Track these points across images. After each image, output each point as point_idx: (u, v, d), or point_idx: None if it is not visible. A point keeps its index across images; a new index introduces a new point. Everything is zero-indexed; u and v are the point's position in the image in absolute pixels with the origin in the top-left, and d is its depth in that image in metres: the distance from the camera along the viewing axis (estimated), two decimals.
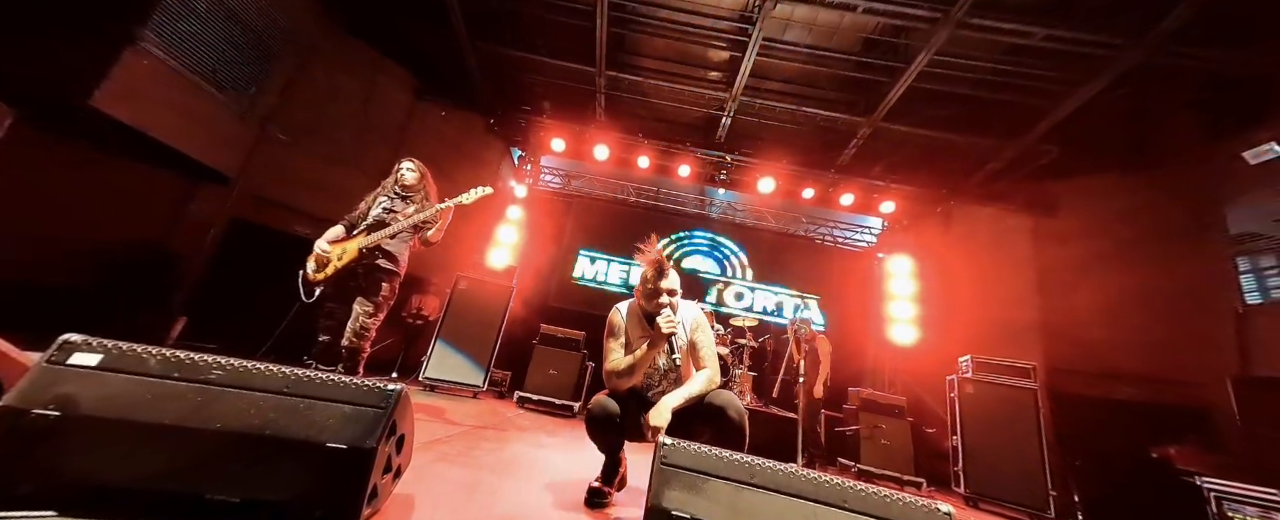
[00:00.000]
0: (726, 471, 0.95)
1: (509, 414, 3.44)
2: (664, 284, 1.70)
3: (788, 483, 0.92)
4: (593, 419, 1.64)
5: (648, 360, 1.63)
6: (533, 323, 5.62)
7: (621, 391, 1.67)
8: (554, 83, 6.75)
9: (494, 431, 2.60)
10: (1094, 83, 4.95)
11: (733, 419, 1.51)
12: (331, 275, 2.25)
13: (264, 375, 0.94)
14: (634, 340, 1.74)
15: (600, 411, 1.62)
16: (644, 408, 1.60)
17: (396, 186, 2.48)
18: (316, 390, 0.94)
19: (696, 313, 1.82)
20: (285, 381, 0.94)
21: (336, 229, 2.40)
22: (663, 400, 1.57)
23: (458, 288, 4.24)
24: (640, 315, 1.79)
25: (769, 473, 0.94)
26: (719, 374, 1.75)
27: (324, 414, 0.91)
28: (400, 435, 1.06)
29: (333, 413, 0.92)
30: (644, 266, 1.76)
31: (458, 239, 6.16)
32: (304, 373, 0.97)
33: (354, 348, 2.22)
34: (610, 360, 1.70)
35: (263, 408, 0.89)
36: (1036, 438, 3.67)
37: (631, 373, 1.63)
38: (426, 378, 3.85)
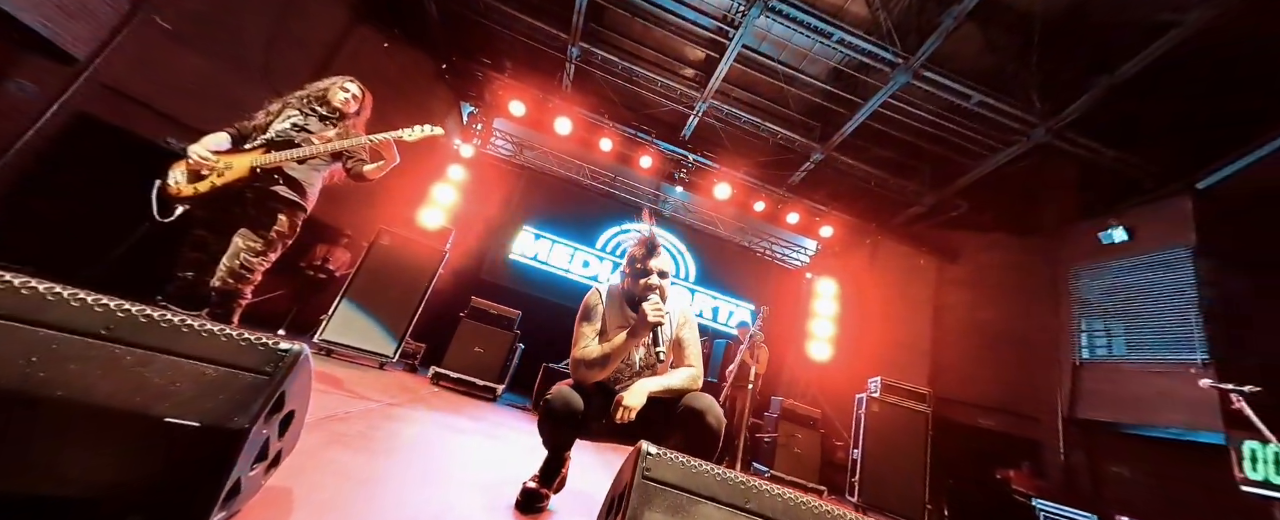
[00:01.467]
0: (719, 494, 0.81)
1: (422, 391, 3.03)
2: (654, 263, 1.50)
3: (790, 513, 0.81)
4: (551, 413, 1.39)
5: (624, 352, 1.42)
6: (459, 295, 5.14)
7: (588, 385, 1.47)
8: (522, 40, 6.24)
9: (404, 410, 2.23)
10: (1007, 151, 5.68)
11: (711, 426, 1.34)
12: (206, 194, 1.73)
13: (70, 307, 0.59)
14: (611, 328, 1.51)
15: (562, 405, 1.38)
16: (608, 403, 1.41)
17: (317, 103, 2.00)
18: (162, 339, 0.63)
19: (685, 305, 1.62)
20: (107, 319, 0.60)
21: (219, 136, 1.86)
22: (640, 382, 1.38)
23: (379, 242, 3.68)
24: (622, 299, 1.57)
25: (769, 498, 0.82)
26: (703, 375, 1.58)
27: (168, 374, 0.61)
28: (288, 413, 0.77)
29: (184, 374, 0.62)
30: (633, 244, 1.56)
31: (384, 188, 5.44)
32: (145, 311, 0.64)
33: (229, 290, 1.74)
34: (581, 347, 1.48)
35: (61, 356, 0.56)
36: (922, 456, 4.08)
37: (604, 364, 1.43)
38: (324, 340, 3.28)
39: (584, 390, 1.45)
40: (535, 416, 3.46)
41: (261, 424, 0.63)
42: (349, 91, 2.07)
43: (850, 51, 5.09)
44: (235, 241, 1.76)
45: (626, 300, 1.56)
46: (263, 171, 1.78)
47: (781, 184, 7.02)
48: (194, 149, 1.76)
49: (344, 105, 2.04)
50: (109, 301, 0.61)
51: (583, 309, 1.57)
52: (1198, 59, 4.27)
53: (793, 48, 5.74)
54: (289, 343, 0.70)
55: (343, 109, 2.04)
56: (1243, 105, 4.64)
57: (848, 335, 6.79)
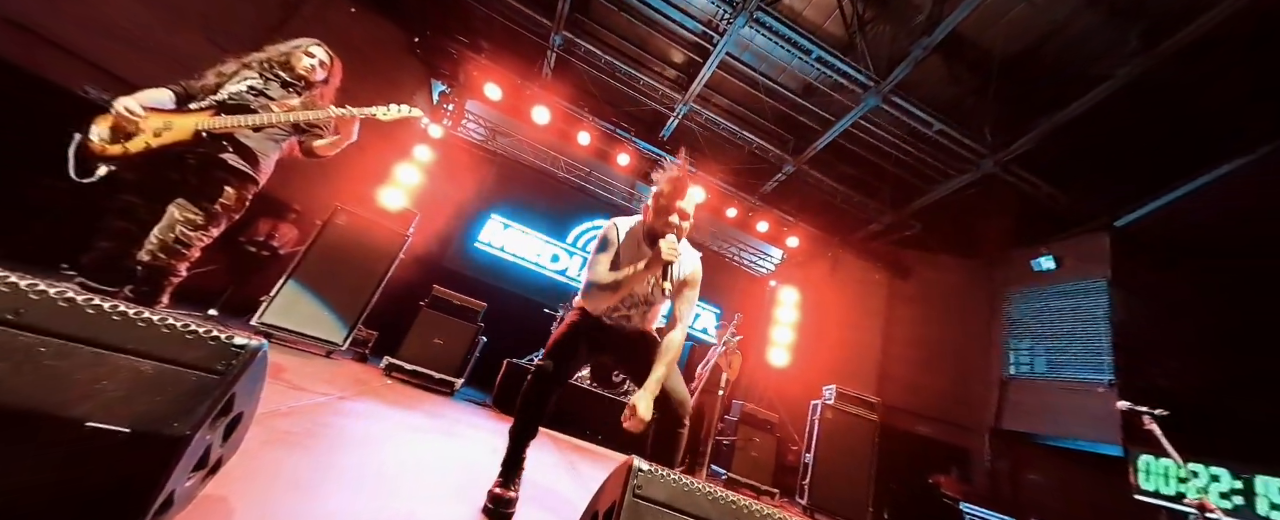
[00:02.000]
0: (711, 514, 0.79)
1: (374, 383, 2.83)
2: (681, 203, 1.52)
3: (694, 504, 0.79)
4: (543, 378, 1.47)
5: (636, 282, 1.49)
6: (418, 282, 4.86)
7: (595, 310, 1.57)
8: (501, 22, 6.01)
9: (354, 405, 2.07)
10: (959, 179, 6.08)
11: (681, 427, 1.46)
12: (138, 155, 1.51)
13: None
14: (624, 261, 1.56)
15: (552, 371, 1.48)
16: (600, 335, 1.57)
17: (279, 67, 1.81)
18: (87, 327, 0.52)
19: (697, 262, 1.65)
20: (16, 302, 0.49)
21: (159, 93, 1.64)
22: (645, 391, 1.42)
23: (334, 221, 3.40)
24: (641, 236, 1.59)
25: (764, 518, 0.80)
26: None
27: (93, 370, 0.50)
28: (236, 415, 0.66)
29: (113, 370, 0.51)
30: (662, 181, 1.57)
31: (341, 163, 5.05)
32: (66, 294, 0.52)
33: (159, 265, 1.53)
34: (595, 271, 1.54)
35: None
36: (869, 462, 4.29)
37: (615, 288, 1.49)
38: (264, 323, 2.98)
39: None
40: (495, 413, 3.35)
41: (205, 429, 0.53)
42: (315, 57, 1.87)
43: (826, 70, 5.27)
44: (171, 211, 1.55)
45: (645, 236, 1.58)
46: (210, 136, 1.57)
47: (754, 192, 7.17)
48: (123, 101, 1.52)
49: (308, 72, 1.84)
50: (19, 280, 0.49)
51: (600, 239, 1.62)
52: (1127, 108, 4.74)
53: (772, 60, 5.87)
54: (246, 337, 0.60)
55: (307, 76, 1.84)
56: (1162, 153, 5.20)
57: (805, 343, 7.04)
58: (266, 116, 1.64)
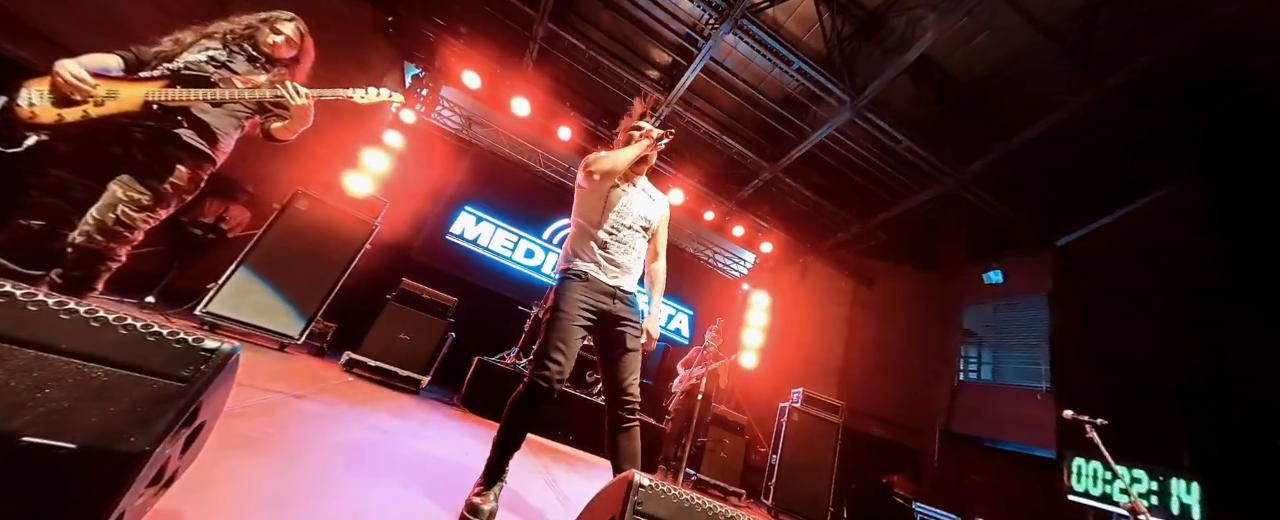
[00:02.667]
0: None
1: (333, 380, 2.65)
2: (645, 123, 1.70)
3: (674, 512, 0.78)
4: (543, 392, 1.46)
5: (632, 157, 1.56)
6: (383, 273, 4.63)
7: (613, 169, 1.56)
8: (484, 9, 5.82)
9: (314, 405, 1.93)
10: (921, 194, 6.40)
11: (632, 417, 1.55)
12: (74, 125, 1.34)
13: None
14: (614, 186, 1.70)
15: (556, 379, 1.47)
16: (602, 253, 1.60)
17: (245, 41, 1.65)
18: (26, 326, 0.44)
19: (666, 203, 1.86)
20: None
21: (105, 58, 1.46)
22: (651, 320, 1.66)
23: (294, 205, 3.17)
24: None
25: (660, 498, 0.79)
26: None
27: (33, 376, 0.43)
28: (199, 425, 0.59)
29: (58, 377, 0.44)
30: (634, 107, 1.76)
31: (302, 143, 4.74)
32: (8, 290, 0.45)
33: (95, 249, 1.36)
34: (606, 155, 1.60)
35: None
36: (831, 463, 4.44)
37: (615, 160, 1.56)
38: (209, 313, 2.74)
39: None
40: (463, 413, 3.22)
41: (166, 443, 0.46)
42: (282, 34, 1.70)
43: (805, 82, 5.41)
44: (112, 189, 1.38)
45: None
46: (162, 108, 1.41)
47: (731, 196, 7.28)
48: (66, 64, 1.34)
49: (272, 49, 1.68)
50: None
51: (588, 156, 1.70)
52: (1073, 135, 5.12)
53: (753, 68, 5.96)
54: (217, 339, 0.53)
55: (271, 53, 1.68)
56: (1101, 179, 5.65)
57: (773, 346, 7.21)
58: (228, 91, 1.49)
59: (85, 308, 0.46)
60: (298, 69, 1.79)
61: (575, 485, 2.20)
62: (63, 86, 1.33)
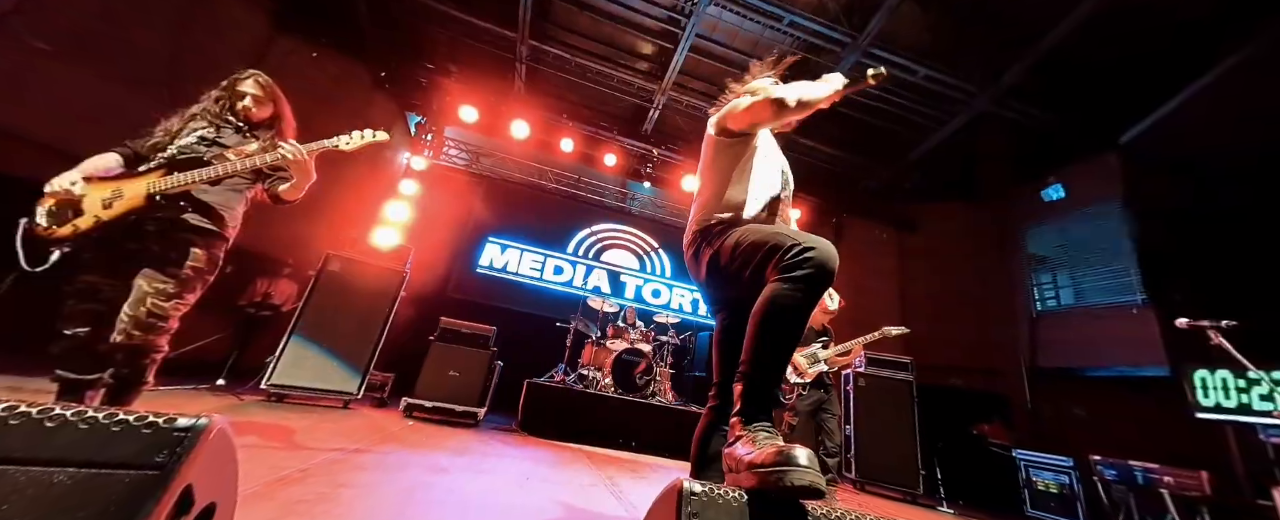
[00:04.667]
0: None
1: (394, 428, 2.74)
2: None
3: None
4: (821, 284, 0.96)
5: (834, 97, 1.26)
6: (425, 316, 4.79)
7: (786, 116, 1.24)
8: (467, 42, 5.92)
9: (374, 456, 1.96)
10: (952, 123, 5.93)
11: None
12: (90, 230, 1.40)
13: None
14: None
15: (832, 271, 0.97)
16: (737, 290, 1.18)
17: (227, 113, 1.68)
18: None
19: None
20: None
21: (106, 158, 1.51)
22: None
23: (327, 269, 3.32)
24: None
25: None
26: None
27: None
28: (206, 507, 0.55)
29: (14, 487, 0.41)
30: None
31: (328, 210, 4.99)
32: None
33: (137, 345, 1.42)
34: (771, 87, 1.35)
35: None
36: (911, 424, 4.17)
37: (806, 105, 1.23)
38: (273, 385, 2.91)
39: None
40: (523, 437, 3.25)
41: None
42: (247, 94, 1.70)
43: (801, 34, 5.14)
44: (139, 284, 1.43)
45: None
46: (165, 198, 1.46)
47: None
48: (57, 180, 1.40)
49: (247, 113, 1.70)
50: None
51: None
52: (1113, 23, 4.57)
53: (744, 35, 5.71)
54: (189, 416, 0.50)
55: (248, 116, 1.71)
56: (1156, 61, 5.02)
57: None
58: (222, 167, 1.52)
59: (38, 409, 0.44)
60: (284, 125, 1.80)
61: (642, 492, 2.15)
62: (60, 197, 1.40)
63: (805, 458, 0.78)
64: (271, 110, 1.78)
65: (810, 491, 0.74)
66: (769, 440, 0.84)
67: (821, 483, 0.76)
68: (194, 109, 1.68)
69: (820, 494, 0.75)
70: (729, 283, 1.16)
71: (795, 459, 0.77)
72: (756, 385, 0.94)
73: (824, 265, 0.95)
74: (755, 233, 1.10)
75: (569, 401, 3.59)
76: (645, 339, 4.35)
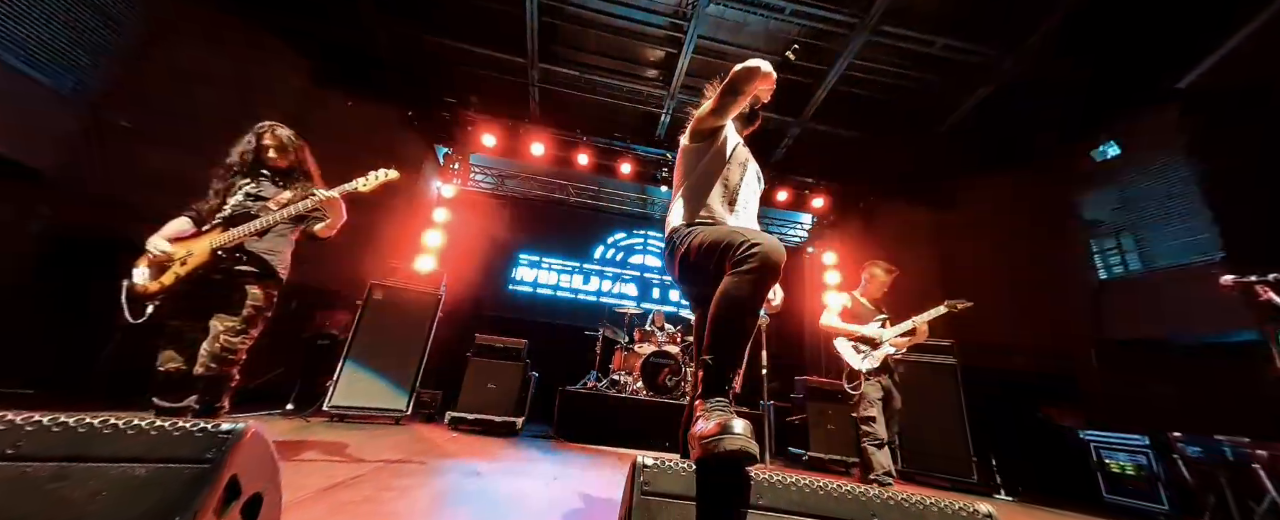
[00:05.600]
0: None
1: (438, 440, 2.97)
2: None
3: (801, 500, 0.76)
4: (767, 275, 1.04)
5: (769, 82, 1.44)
6: (465, 336, 5.10)
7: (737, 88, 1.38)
8: (482, 74, 6.27)
9: (415, 465, 2.17)
10: (980, 90, 5.62)
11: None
12: (173, 286, 1.69)
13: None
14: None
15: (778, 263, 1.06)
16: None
17: (259, 168, 1.93)
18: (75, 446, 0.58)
19: None
20: (13, 438, 0.56)
21: (180, 222, 1.84)
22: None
23: (372, 299, 3.66)
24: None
25: (780, 490, 0.77)
26: None
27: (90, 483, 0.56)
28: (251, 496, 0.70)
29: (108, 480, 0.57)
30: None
31: (372, 243, 5.44)
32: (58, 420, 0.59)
33: (214, 374, 1.69)
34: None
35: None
36: (958, 410, 3.98)
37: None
38: (333, 406, 3.24)
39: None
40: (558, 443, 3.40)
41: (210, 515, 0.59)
42: (268, 145, 1.94)
43: (806, 21, 5.08)
44: (212, 325, 1.71)
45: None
46: (225, 252, 1.74)
47: (764, 164, 6.96)
48: (152, 242, 1.73)
49: (273, 163, 1.94)
50: (15, 418, 0.57)
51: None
52: None
53: (749, 30, 5.69)
54: (232, 422, 0.66)
55: (275, 165, 1.95)
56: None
57: None
58: (264, 220, 1.78)
59: (124, 421, 0.61)
60: (308, 165, 2.03)
61: None
62: (155, 259, 1.71)
63: (741, 426, 0.86)
64: (293, 157, 2.01)
65: (740, 455, 0.82)
66: (719, 415, 0.92)
67: (753, 448, 0.83)
68: (231, 162, 1.96)
69: (752, 458, 0.82)
70: (698, 279, 1.24)
71: (731, 427, 0.85)
72: (712, 369, 1.03)
73: (768, 258, 1.04)
74: (713, 233, 1.20)
75: (601, 406, 3.73)
76: (672, 340, 4.43)
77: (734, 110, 1.40)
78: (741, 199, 1.41)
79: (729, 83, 1.35)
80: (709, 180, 1.40)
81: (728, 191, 1.39)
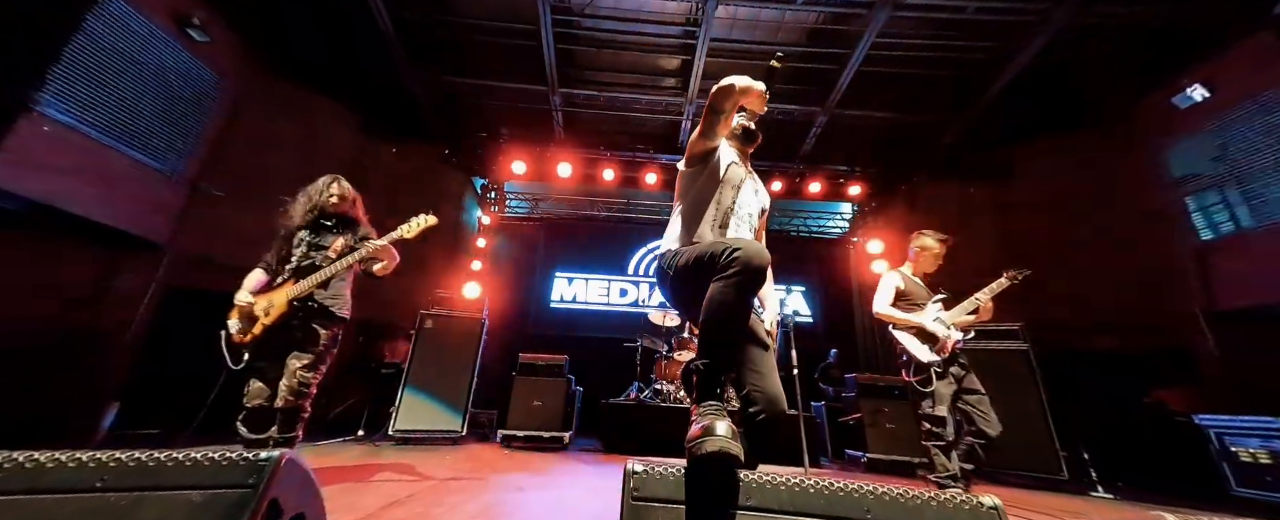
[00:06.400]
0: None
1: (490, 457, 3.14)
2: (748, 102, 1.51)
3: (793, 499, 0.76)
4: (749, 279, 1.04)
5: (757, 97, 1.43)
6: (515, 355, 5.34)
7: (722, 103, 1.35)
8: (509, 106, 6.62)
9: (465, 481, 2.31)
10: (1028, 49, 5.15)
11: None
12: (260, 334, 1.97)
13: (66, 470, 0.69)
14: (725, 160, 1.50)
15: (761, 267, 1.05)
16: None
17: (320, 218, 2.19)
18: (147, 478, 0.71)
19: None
20: (100, 473, 0.70)
21: (256, 274, 2.12)
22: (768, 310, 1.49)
23: (423, 327, 3.95)
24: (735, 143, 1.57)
25: (769, 490, 0.78)
26: None
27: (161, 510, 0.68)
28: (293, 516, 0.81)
29: (174, 506, 0.68)
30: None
31: (424, 274, 5.86)
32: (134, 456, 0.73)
33: (292, 407, 1.93)
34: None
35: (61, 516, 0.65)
36: (1036, 399, 3.61)
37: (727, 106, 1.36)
38: (397, 431, 3.52)
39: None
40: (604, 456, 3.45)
41: None
42: (334, 195, 2.21)
43: (821, 7, 4.95)
44: (289, 364, 1.96)
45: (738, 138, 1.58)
46: (298, 302, 2.01)
47: (793, 157, 6.79)
48: (239, 296, 2.02)
49: (336, 208, 2.22)
50: (102, 455, 0.71)
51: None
52: None
53: (764, 24, 5.60)
54: (271, 450, 0.77)
55: (337, 211, 2.22)
56: None
57: None
58: (328, 270, 2.04)
59: (184, 455, 0.74)
60: (360, 214, 2.28)
61: None
62: (243, 310, 2.00)
63: (723, 428, 0.87)
64: (349, 207, 2.27)
65: (720, 458, 0.83)
66: (705, 418, 0.94)
67: (733, 449, 0.83)
68: (295, 215, 2.22)
69: (734, 459, 0.82)
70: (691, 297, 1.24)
71: (713, 429, 0.87)
72: (703, 374, 1.06)
73: (750, 261, 1.04)
74: (696, 249, 1.22)
75: (644, 416, 3.76)
76: None
77: (721, 129, 1.39)
78: (734, 221, 1.40)
79: (708, 104, 1.35)
80: (701, 204, 1.41)
81: (719, 214, 1.38)
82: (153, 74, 3.83)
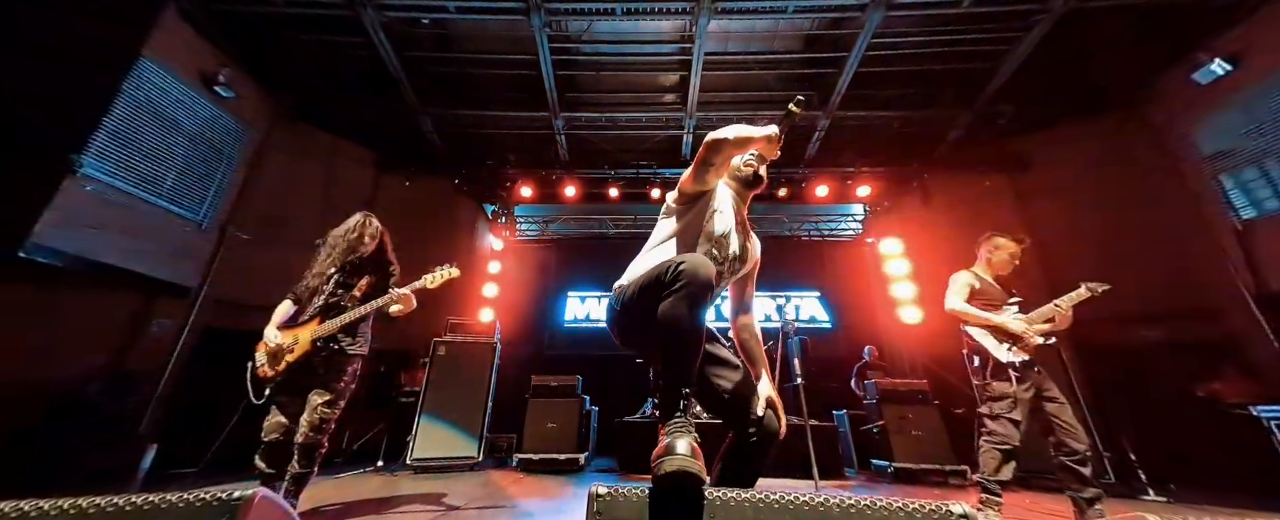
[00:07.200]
0: None
1: (504, 482, 3.11)
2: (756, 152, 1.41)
3: (756, 515, 0.74)
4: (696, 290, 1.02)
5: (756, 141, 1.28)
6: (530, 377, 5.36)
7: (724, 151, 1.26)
8: (514, 134, 6.81)
9: (473, 513, 2.29)
10: (1030, 36, 5.05)
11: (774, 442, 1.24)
12: (284, 370, 2.03)
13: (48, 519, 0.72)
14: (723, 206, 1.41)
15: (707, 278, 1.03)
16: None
17: (349, 257, 2.25)
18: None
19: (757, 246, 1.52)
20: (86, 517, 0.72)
21: (284, 306, 2.20)
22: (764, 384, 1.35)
23: (436, 354, 4.01)
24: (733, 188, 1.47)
25: (731, 507, 0.76)
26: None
27: None
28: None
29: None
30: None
31: (443, 303, 5.98)
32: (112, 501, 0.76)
33: (312, 443, 1.97)
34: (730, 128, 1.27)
35: None
36: (1072, 398, 3.41)
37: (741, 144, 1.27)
38: (415, 459, 3.55)
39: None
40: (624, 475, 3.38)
41: None
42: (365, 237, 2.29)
43: (814, 14, 4.99)
44: (310, 400, 2.02)
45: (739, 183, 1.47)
46: (322, 341, 2.08)
47: (798, 162, 6.75)
48: (267, 332, 2.09)
49: (365, 250, 2.29)
50: (82, 501, 0.75)
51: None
52: None
53: (758, 34, 5.68)
54: (242, 489, 0.80)
55: (365, 253, 2.30)
56: None
57: (932, 289, 6.08)
58: (352, 314, 2.12)
59: (159, 497, 0.77)
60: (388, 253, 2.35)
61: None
62: (271, 349, 2.06)
63: (683, 446, 0.85)
64: (378, 247, 2.34)
65: (678, 477, 0.81)
66: (671, 436, 0.92)
67: (692, 467, 0.81)
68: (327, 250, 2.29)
69: (692, 479, 0.80)
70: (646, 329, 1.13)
71: (673, 448, 0.85)
72: (665, 392, 1.03)
73: (695, 273, 1.02)
74: (640, 278, 1.18)
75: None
76: None
77: (711, 179, 1.33)
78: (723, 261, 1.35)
79: (699, 155, 1.26)
80: (672, 244, 1.36)
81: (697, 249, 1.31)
82: (182, 130, 4.10)
